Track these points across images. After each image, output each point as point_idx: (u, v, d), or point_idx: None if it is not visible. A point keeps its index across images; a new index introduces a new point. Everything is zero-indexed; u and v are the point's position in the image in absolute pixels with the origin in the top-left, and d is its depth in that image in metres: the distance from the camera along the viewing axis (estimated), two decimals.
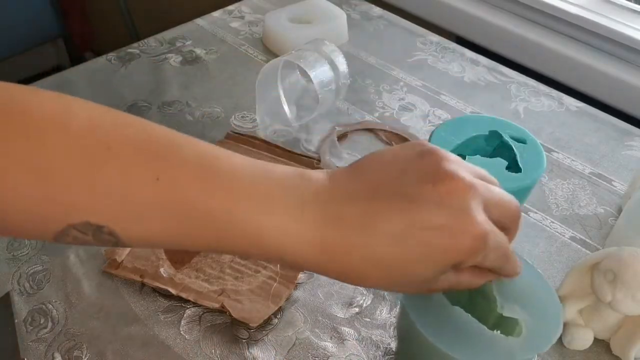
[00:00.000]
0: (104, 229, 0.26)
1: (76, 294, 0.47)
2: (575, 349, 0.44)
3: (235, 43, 0.79)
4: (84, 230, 0.26)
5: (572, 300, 0.44)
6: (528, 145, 0.47)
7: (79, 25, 1.90)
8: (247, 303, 0.46)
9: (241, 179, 0.28)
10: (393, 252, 0.27)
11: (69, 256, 0.50)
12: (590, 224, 0.55)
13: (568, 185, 0.59)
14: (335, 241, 0.28)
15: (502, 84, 0.73)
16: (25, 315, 0.46)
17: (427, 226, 0.27)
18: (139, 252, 0.49)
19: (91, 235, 0.27)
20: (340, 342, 0.44)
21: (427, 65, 0.76)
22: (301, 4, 0.79)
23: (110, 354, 0.43)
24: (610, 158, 0.62)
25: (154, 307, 0.46)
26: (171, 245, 0.29)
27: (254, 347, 0.44)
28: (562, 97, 0.71)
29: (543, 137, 0.64)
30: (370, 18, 0.86)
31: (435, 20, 0.92)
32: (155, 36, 0.79)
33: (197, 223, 0.27)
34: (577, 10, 0.79)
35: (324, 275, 0.29)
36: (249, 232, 0.27)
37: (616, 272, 0.40)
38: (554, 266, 0.51)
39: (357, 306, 0.47)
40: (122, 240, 0.27)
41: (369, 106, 0.69)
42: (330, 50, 0.63)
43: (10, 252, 0.50)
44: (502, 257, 0.30)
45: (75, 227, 0.26)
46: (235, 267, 0.49)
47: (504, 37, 0.85)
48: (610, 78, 0.75)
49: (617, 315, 0.42)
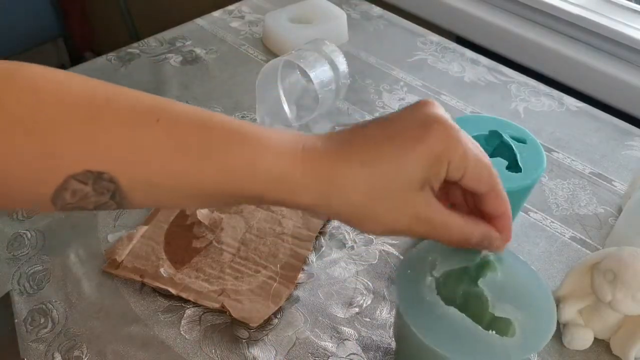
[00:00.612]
0: (104, 176, 0.27)
1: (76, 294, 0.47)
2: (575, 349, 0.44)
3: (235, 43, 0.79)
4: (84, 179, 0.27)
5: (572, 300, 0.44)
6: (528, 145, 0.47)
7: (79, 25, 1.90)
8: (247, 303, 0.46)
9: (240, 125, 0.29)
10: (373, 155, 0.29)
11: (69, 256, 0.50)
12: (590, 224, 0.55)
13: (568, 185, 0.59)
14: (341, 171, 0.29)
15: (502, 84, 0.73)
16: (25, 315, 0.46)
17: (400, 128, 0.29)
18: (139, 252, 0.49)
19: (91, 184, 0.27)
20: (340, 342, 0.44)
21: (427, 65, 0.76)
22: (301, 4, 0.79)
23: (110, 354, 0.43)
24: (611, 158, 0.62)
25: (154, 307, 0.46)
26: (173, 189, 0.29)
27: (254, 347, 0.44)
28: (562, 97, 0.71)
29: (543, 137, 0.64)
30: (370, 18, 0.86)
31: (435, 20, 0.92)
32: (155, 36, 0.79)
33: (197, 157, 0.28)
34: (577, 10, 0.79)
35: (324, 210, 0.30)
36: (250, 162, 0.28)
37: (616, 272, 0.40)
38: (554, 266, 0.51)
39: (357, 306, 0.47)
40: (122, 186, 0.27)
41: (369, 106, 0.69)
42: (330, 50, 0.63)
43: (10, 252, 0.50)
44: (486, 172, 0.31)
45: (75, 178, 0.26)
46: (235, 267, 0.49)
47: (504, 37, 0.85)
48: (610, 78, 0.75)
49: (617, 315, 0.42)
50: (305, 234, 0.52)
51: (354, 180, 0.29)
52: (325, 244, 0.52)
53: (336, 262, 0.50)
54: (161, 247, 0.50)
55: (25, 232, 0.52)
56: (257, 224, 0.53)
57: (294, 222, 0.53)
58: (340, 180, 0.29)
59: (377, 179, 0.29)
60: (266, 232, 0.52)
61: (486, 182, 0.31)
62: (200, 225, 0.52)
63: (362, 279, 0.49)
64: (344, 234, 0.53)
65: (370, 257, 0.51)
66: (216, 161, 0.28)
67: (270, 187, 0.29)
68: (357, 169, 0.29)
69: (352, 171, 0.29)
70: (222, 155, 0.28)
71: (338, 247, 0.52)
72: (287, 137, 0.30)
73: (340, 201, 0.29)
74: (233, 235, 0.51)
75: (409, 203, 0.30)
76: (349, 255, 0.51)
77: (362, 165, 0.29)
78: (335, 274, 0.49)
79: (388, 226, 0.30)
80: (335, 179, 0.29)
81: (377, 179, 0.29)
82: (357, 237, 0.53)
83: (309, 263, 0.50)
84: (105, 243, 0.51)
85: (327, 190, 0.29)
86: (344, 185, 0.29)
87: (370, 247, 0.52)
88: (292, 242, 0.51)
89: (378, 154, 0.29)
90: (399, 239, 0.53)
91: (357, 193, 0.29)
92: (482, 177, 0.31)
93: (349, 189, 0.29)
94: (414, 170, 0.29)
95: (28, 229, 0.52)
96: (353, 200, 0.29)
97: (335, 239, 0.52)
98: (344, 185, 0.29)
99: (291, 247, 0.51)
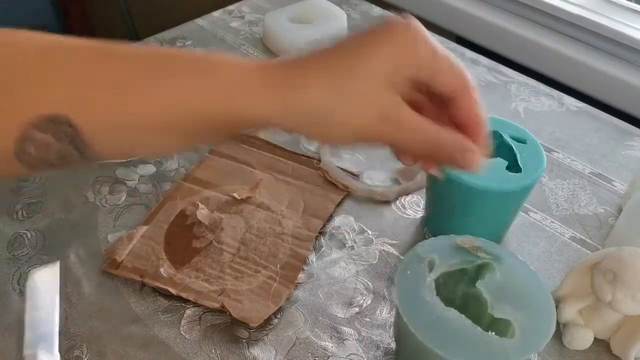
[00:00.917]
0: (61, 118, 0.26)
1: (76, 294, 0.47)
2: (575, 349, 0.44)
3: (235, 43, 0.79)
4: (43, 127, 0.26)
5: (572, 300, 0.44)
6: (528, 145, 0.47)
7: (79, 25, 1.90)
8: (247, 303, 0.46)
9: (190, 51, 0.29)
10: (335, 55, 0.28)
11: (69, 256, 0.50)
12: (590, 224, 0.55)
13: (568, 185, 0.59)
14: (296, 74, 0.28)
15: (502, 84, 0.73)
16: None
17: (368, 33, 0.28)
18: (139, 252, 0.49)
19: (51, 132, 0.26)
20: (340, 342, 0.44)
21: None
22: (301, 4, 0.79)
23: (110, 354, 0.43)
24: (611, 158, 0.62)
25: (154, 307, 0.46)
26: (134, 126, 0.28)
27: (254, 347, 0.44)
28: (562, 97, 0.71)
29: (543, 137, 0.64)
30: (370, 18, 0.85)
31: (435, 20, 0.92)
32: (155, 36, 0.79)
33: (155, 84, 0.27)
34: (577, 10, 0.79)
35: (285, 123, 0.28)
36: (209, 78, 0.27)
37: (616, 272, 0.40)
38: (554, 266, 0.51)
39: (357, 306, 0.47)
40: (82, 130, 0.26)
41: None
42: None
43: (10, 252, 0.50)
44: (458, 71, 0.29)
45: (34, 125, 0.26)
46: (235, 267, 0.49)
47: (504, 37, 0.84)
48: (610, 78, 0.75)
49: (617, 315, 0.42)
50: (305, 234, 0.52)
51: (315, 80, 0.27)
52: (325, 244, 0.52)
53: (336, 262, 0.50)
54: (161, 247, 0.50)
55: (25, 232, 0.52)
56: (257, 224, 0.53)
57: (294, 222, 0.53)
58: (299, 80, 0.27)
59: (340, 76, 0.27)
60: (266, 232, 0.52)
61: (458, 82, 0.29)
62: (200, 225, 0.52)
63: (362, 279, 0.49)
64: (344, 234, 0.53)
65: (370, 257, 0.51)
66: (175, 83, 0.27)
67: (228, 100, 0.27)
68: (316, 70, 0.27)
69: (312, 72, 0.27)
70: (180, 76, 0.27)
71: (338, 247, 0.52)
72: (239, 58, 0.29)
73: (302, 103, 0.27)
74: (233, 235, 0.51)
75: (377, 102, 0.28)
76: (349, 255, 0.51)
77: (323, 63, 0.28)
78: (335, 274, 0.49)
79: (355, 128, 0.28)
80: (293, 80, 0.27)
81: (339, 76, 0.27)
82: (357, 237, 0.53)
83: (309, 263, 0.50)
84: (105, 243, 0.51)
85: (286, 95, 0.27)
86: (304, 85, 0.27)
87: (370, 247, 0.52)
88: (292, 242, 0.51)
89: (340, 54, 0.28)
90: (398, 239, 0.53)
91: (319, 90, 0.27)
92: (453, 76, 0.29)
93: (309, 88, 0.27)
94: (380, 68, 0.27)
95: (28, 229, 0.52)
96: (315, 100, 0.27)
97: (335, 239, 0.52)
98: (303, 85, 0.27)
99: (291, 247, 0.51)
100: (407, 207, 0.56)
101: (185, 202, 0.54)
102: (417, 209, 0.56)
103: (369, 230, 0.53)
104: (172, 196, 0.55)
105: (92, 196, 0.56)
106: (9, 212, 0.54)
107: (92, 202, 0.55)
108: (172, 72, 0.27)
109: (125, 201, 0.55)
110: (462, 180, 0.44)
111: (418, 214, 0.55)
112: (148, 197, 0.56)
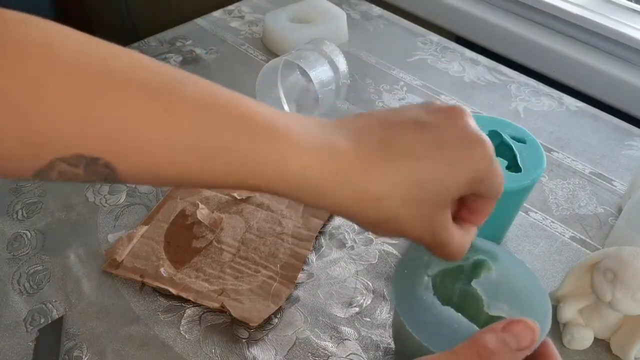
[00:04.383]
0: (99, 161, 0.24)
1: (76, 294, 0.47)
2: (575, 349, 0.44)
3: (235, 43, 0.79)
4: (75, 162, 0.24)
5: (572, 300, 0.44)
6: (528, 145, 0.47)
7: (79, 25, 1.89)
8: (247, 303, 0.46)
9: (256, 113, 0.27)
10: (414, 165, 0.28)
11: (69, 256, 0.50)
12: (590, 224, 0.55)
13: (568, 185, 0.59)
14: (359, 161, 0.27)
15: (502, 83, 0.73)
16: (25, 315, 0.46)
17: (442, 139, 0.28)
18: (139, 252, 0.49)
19: (82, 168, 0.24)
20: (340, 342, 0.44)
21: (427, 65, 0.76)
22: (301, 4, 0.79)
23: (110, 354, 0.43)
24: (610, 158, 0.62)
25: (154, 307, 0.46)
26: (175, 181, 0.26)
27: (254, 347, 0.44)
28: (562, 97, 0.71)
29: (543, 137, 0.64)
30: (370, 18, 0.86)
31: (435, 20, 0.92)
32: (155, 36, 0.79)
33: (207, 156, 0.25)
34: (577, 10, 0.79)
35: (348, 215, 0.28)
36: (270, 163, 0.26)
37: (616, 272, 0.40)
38: (554, 266, 0.51)
39: (357, 306, 0.47)
40: (119, 171, 0.25)
41: (369, 106, 0.69)
42: (330, 49, 0.63)
43: (10, 252, 0.50)
44: (502, 183, 0.31)
45: (65, 161, 0.24)
46: (235, 267, 0.49)
47: (504, 37, 0.85)
48: (610, 78, 0.75)
49: (617, 315, 0.42)
50: (305, 233, 0.52)
51: (388, 188, 0.27)
52: (325, 244, 0.52)
53: (336, 262, 0.50)
54: (161, 247, 0.50)
55: (25, 232, 0.52)
56: (257, 224, 0.53)
57: (294, 222, 0.53)
58: (373, 187, 0.27)
59: (412, 189, 0.27)
60: (266, 232, 0.52)
61: (497, 192, 0.31)
62: (200, 225, 0.52)
63: (362, 279, 0.49)
64: (344, 234, 0.53)
65: (370, 257, 0.51)
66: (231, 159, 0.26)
67: (292, 186, 0.27)
68: (391, 177, 0.27)
69: (387, 179, 0.27)
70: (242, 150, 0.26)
71: (338, 247, 0.52)
72: (312, 131, 0.27)
73: (372, 210, 0.27)
74: (233, 235, 0.51)
75: (434, 218, 0.29)
76: (349, 255, 0.51)
77: (397, 173, 0.27)
78: (335, 274, 0.49)
79: (403, 233, 0.29)
80: (367, 185, 0.27)
81: (411, 189, 0.27)
82: (357, 237, 0.53)
83: (309, 263, 0.50)
84: (105, 243, 0.51)
85: (355, 196, 0.27)
86: (377, 192, 0.27)
87: (370, 247, 0.52)
88: (292, 242, 0.51)
89: (417, 163, 0.27)
90: (398, 239, 0.53)
91: (390, 201, 0.27)
92: (498, 189, 0.31)
93: (382, 195, 0.27)
94: (452, 187, 0.28)
95: (28, 229, 0.52)
96: (384, 208, 0.27)
97: (335, 238, 0.52)
98: (376, 192, 0.27)
99: (291, 247, 0.51)
100: None
101: (185, 201, 0.54)
102: None
103: None
104: (171, 196, 0.55)
105: (92, 196, 0.56)
106: (9, 212, 0.54)
107: (92, 202, 0.55)
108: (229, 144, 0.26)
109: (125, 201, 0.55)
110: None
111: None
112: (148, 197, 0.56)
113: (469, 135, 0.28)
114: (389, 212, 0.28)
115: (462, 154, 0.28)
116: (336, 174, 0.27)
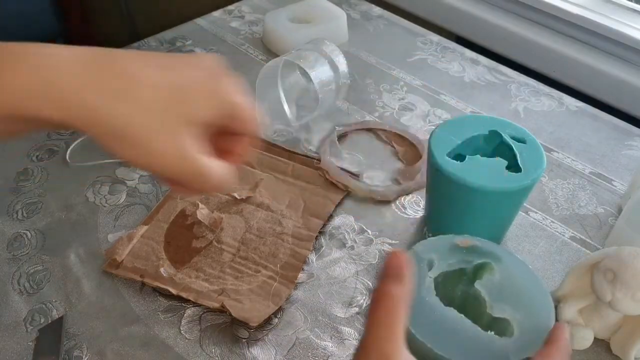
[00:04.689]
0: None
1: (76, 294, 0.47)
2: (575, 349, 0.44)
3: (235, 43, 0.79)
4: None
5: (572, 300, 0.44)
6: (528, 145, 0.47)
7: (79, 25, 1.90)
8: (247, 303, 0.46)
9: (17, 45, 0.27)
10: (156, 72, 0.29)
11: (69, 256, 0.50)
12: (590, 224, 0.55)
13: (568, 185, 0.59)
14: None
15: (502, 83, 0.73)
16: (25, 315, 0.46)
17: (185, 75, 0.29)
18: (139, 252, 0.49)
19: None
20: (340, 342, 0.44)
21: (427, 65, 0.76)
22: (301, 4, 0.79)
23: (110, 354, 0.43)
24: (610, 158, 0.62)
25: (154, 307, 0.46)
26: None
27: (254, 347, 0.44)
28: (562, 97, 0.71)
29: (543, 137, 0.64)
30: (370, 18, 0.86)
31: (435, 20, 0.92)
32: (155, 36, 0.79)
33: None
34: (577, 10, 0.79)
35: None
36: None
37: (616, 272, 0.40)
38: (554, 266, 0.51)
39: (357, 306, 0.47)
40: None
41: (369, 106, 0.69)
42: (331, 50, 0.63)
43: (10, 252, 0.50)
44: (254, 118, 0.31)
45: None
46: (235, 267, 0.49)
47: (504, 37, 0.85)
48: (610, 78, 0.75)
49: (617, 315, 0.42)
50: (305, 234, 0.52)
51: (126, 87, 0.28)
52: (325, 244, 0.52)
53: (336, 262, 0.50)
54: (161, 247, 0.50)
55: (25, 232, 0.52)
56: (257, 224, 0.53)
57: (294, 222, 0.53)
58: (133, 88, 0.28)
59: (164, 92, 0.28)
60: (266, 232, 0.52)
61: (251, 127, 0.32)
62: (200, 225, 0.52)
63: (362, 279, 0.49)
64: (344, 234, 0.53)
65: (370, 257, 0.51)
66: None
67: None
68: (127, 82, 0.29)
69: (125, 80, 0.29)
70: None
71: (338, 247, 0.52)
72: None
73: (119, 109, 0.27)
74: (233, 235, 0.51)
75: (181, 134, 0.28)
76: (349, 255, 0.51)
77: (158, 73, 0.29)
78: (335, 274, 0.49)
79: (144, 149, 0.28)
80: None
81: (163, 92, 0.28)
82: (357, 237, 0.53)
83: (309, 263, 0.50)
84: (105, 243, 0.51)
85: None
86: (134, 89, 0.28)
87: (370, 247, 0.52)
88: (292, 242, 0.51)
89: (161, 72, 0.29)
90: (398, 238, 0.53)
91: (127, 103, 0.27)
92: (251, 123, 0.31)
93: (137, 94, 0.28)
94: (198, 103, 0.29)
95: (28, 229, 0.52)
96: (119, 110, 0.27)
97: (335, 239, 0.52)
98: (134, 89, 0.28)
99: (291, 247, 0.51)
100: (407, 207, 0.56)
101: (185, 201, 0.54)
102: (417, 209, 0.56)
103: (369, 230, 0.53)
104: (172, 196, 0.55)
105: (92, 196, 0.56)
106: (9, 212, 0.54)
107: (92, 202, 0.55)
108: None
109: (125, 201, 0.55)
110: (462, 180, 0.44)
111: (418, 214, 0.55)
112: (148, 197, 0.56)
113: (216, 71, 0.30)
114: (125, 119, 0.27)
115: (208, 82, 0.29)
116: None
